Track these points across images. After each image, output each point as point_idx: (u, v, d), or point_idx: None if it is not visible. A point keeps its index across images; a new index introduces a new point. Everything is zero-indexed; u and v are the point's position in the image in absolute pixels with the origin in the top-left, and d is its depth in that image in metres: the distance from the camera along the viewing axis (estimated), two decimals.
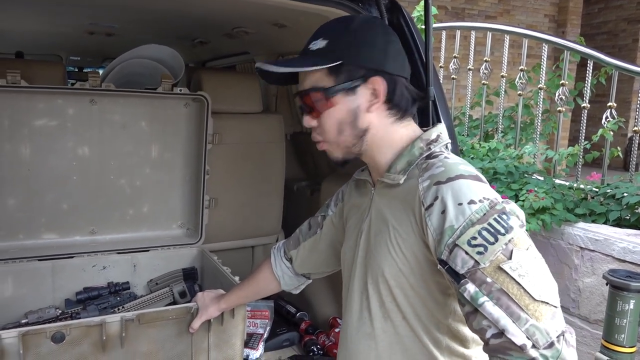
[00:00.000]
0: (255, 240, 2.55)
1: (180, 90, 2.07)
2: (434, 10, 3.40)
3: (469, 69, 4.47)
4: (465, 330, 1.02)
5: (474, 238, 0.86)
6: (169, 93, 2.05)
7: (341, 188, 1.34)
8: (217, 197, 2.30)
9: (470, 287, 0.85)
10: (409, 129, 1.09)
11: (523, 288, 0.83)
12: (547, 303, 0.83)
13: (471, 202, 0.90)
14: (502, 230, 0.87)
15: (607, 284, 2.24)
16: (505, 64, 4.15)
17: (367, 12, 1.73)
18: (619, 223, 2.88)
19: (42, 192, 1.99)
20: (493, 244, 0.86)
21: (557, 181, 3.38)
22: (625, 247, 2.54)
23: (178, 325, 1.57)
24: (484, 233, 0.86)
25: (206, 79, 2.27)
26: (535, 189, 3.08)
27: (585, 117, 3.54)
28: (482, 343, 0.88)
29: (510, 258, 0.85)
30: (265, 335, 2.14)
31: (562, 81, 3.64)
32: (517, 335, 0.81)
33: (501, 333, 0.82)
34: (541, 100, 3.93)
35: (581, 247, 2.79)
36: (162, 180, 2.19)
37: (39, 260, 1.97)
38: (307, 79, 1.06)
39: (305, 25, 2.06)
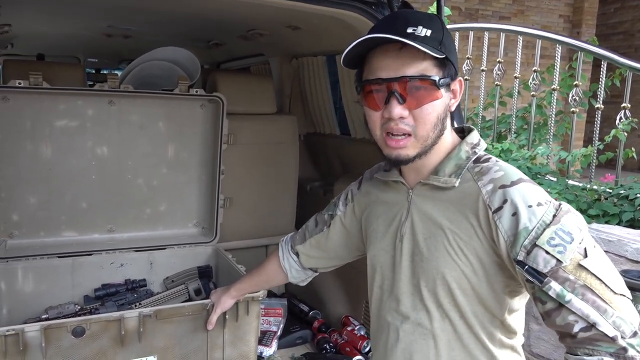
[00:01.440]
0: (269, 239, 2.58)
1: (197, 92, 2.10)
2: (447, 11, 3.41)
3: (482, 70, 4.46)
4: (513, 322, 1.07)
5: (552, 238, 0.91)
6: (186, 94, 2.09)
7: (349, 187, 1.34)
8: (232, 197, 2.34)
9: (555, 285, 0.90)
10: (453, 133, 1.11)
11: (604, 283, 0.89)
12: (624, 295, 0.90)
13: (539, 204, 0.94)
14: (575, 230, 0.92)
15: None
16: (519, 65, 4.14)
17: (379, 14, 1.76)
18: (633, 224, 2.87)
19: (62, 191, 2.04)
20: (570, 243, 0.91)
21: (570, 182, 3.37)
22: (639, 248, 2.53)
23: (194, 322, 1.61)
24: (560, 233, 0.91)
25: (221, 80, 2.31)
26: (548, 190, 3.07)
27: (600, 118, 3.52)
28: (563, 336, 0.93)
29: (586, 256, 0.90)
30: (278, 333, 2.17)
31: (576, 82, 3.63)
32: (607, 328, 0.87)
33: (591, 326, 0.88)
34: (554, 101, 3.91)
35: None
36: (178, 179, 2.23)
37: (58, 257, 2.02)
38: (412, 65, 0.99)
39: (319, 27, 2.10)
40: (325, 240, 1.37)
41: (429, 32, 0.99)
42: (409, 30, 0.99)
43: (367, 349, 2.10)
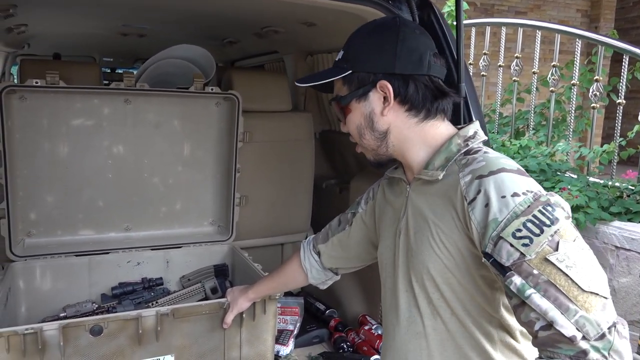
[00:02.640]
0: (284, 237, 2.57)
1: (212, 90, 2.09)
2: (465, 5, 3.37)
3: (499, 66, 4.40)
4: (516, 323, 1.01)
5: (519, 230, 0.86)
6: (201, 92, 2.08)
7: (372, 186, 1.35)
8: (248, 195, 2.33)
9: (517, 280, 0.85)
10: (442, 127, 1.09)
11: (571, 279, 0.82)
12: (597, 294, 0.82)
13: (514, 194, 0.90)
14: (548, 222, 0.86)
15: None
16: (537, 60, 4.08)
17: (397, 9, 1.73)
18: None
19: (79, 189, 2.04)
20: (538, 235, 0.85)
21: (591, 179, 3.31)
22: None
23: (211, 320, 1.60)
24: (529, 225, 0.86)
25: (237, 78, 2.30)
26: (569, 187, 3.02)
27: (621, 114, 3.45)
28: (531, 336, 0.87)
29: (556, 249, 0.84)
30: (295, 332, 2.16)
31: (596, 77, 3.56)
32: (566, 327, 0.80)
33: (550, 325, 0.81)
34: (574, 96, 3.85)
35: (616, 247, 2.73)
36: (194, 178, 2.22)
37: (76, 255, 2.03)
38: (334, 88, 1.13)
39: (335, 23, 2.08)
40: (347, 239, 1.36)
41: (341, 54, 1.10)
42: (337, 56, 1.12)
43: None
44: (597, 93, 3.54)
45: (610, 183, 3.20)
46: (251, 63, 3.46)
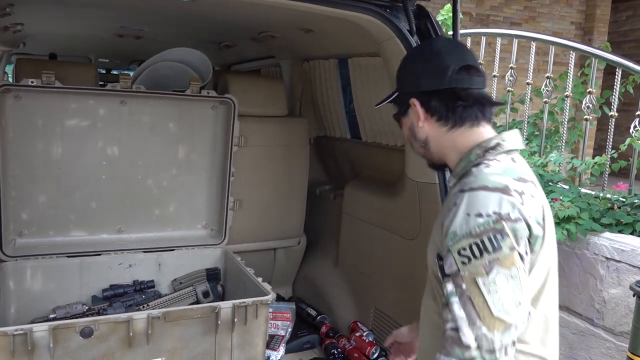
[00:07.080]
0: (277, 242, 2.57)
1: (208, 93, 2.10)
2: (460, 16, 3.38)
3: (494, 76, 4.43)
4: None
5: (464, 249, 1.00)
6: (197, 95, 2.08)
7: None
8: (241, 199, 2.33)
9: (449, 286, 1.01)
10: (472, 135, 1.16)
11: (487, 303, 0.97)
12: (503, 320, 0.97)
13: (478, 214, 1.01)
14: (490, 249, 0.99)
15: (634, 296, 2.20)
16: (531, 71, 4.10)
17: (395, 17, 1.74)
18: None
19: (72, 190, 2.03)
20: (478, 258, 0.99)
21: (583, 190, 3.33)
22: None
23: (202, 324, 1.59)
24: (474, 247, 1.00)
25: (233, 82, 2.30)
26: (561, 197, 3.03)
27: (613, 126, 3.48)
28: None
29: (487, 274, 0.98)
30: (286, 337, 2.15)
31: (590, 89, 3.58)
32: (466, 336, 0.97)
33: (456, 329, 0.98)
34: (567, 108, 3.87)
35: (607, 258, 2.74)
36: (188, 181, 2.22)
37: (67, 257, 2.02)
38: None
39: (332, 30, 2.09)
40: None
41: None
42: None
43: (375, 355, 2.07)
44: (590, 105, 3.56)
45: (601, 194, 3.22)
46: (248, 67, 3.47)
